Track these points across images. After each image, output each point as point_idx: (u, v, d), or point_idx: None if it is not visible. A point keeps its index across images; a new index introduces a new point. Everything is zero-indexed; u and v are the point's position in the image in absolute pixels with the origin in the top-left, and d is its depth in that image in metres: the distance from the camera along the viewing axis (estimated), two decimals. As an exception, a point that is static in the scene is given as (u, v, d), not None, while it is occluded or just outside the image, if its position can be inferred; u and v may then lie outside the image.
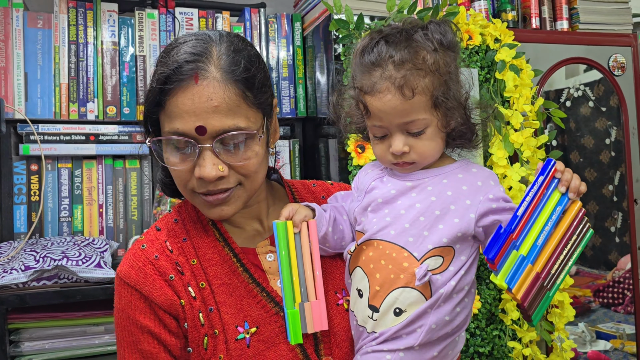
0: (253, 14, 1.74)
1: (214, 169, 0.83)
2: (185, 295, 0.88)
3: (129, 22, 1.64)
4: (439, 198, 0.82)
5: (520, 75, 1.58)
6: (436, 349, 0.82)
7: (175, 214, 0.96)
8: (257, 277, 0.90)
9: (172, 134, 0.83)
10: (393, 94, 0.80)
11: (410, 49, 0.81)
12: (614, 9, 1.91)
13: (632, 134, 1.86)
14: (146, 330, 0.86)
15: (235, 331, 0.86)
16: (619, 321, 2.00)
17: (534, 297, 0.73)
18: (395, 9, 1.52)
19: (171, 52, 0.84)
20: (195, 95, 0.81)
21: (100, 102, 1.60)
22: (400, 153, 0.83)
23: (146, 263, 0.89)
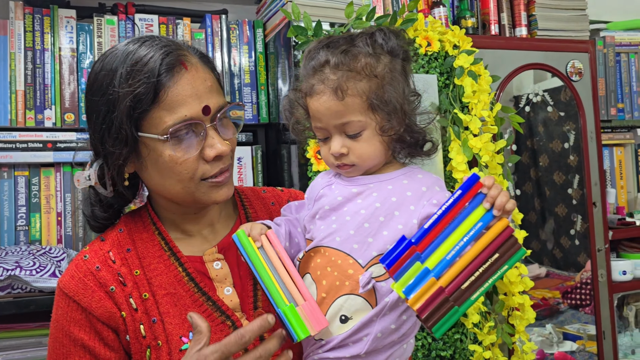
0: (214, 21, 1.74)
1: (224, 144, 0.86)
2: (126, 307, 0.86)
3: (87, 28, 1.63)
4: (383, 204, 0.83)
5: (478, 81, 1.60)
6: (383, 356, 0.82)
7: (120, 225, 0.94)
8: (203, 286, 0.90)
9: (180, 122, 0.83)
10: (328, 96, 0.83)
11: (349, 53, 0.83)
12: (572, 15, 1.96)
13: (590, 139, 1.89)
14: (79, 343, 0.85)
15: (180, 342, 0.85)
16: (586, 322, 2.03)
17: (435, 310, 0.73)
18: (353, 16, 1.53)
19: (141, 57, 0.83)
20: (192, 80, 0.84)
21: (57, 109, 1.58)
22: (338, 154, 0.85)
23: (87, 274, 0.87)
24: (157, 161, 0.85)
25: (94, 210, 0.93)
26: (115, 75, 0.84)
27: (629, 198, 2.27)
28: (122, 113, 0.82)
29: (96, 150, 0.90)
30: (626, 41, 2.28)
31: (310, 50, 0.88)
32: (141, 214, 0.96)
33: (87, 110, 0.89)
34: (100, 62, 0.88)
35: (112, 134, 0.84)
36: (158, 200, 0.95)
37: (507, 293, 1.59)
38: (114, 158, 0.86)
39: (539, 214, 1.99)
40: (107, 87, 0.84)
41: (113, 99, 0.83)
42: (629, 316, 2.13)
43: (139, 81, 0.82)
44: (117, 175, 0.88)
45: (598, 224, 1.88)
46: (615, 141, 2.25)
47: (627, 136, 2.26)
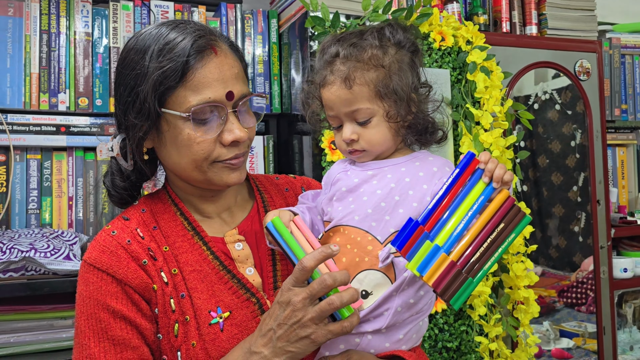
0: (229, 10, 1.74)
1: (243, 131, 0.90)
2: (158, 280, 0.88)
3: (102, 13, 1.62)
4: (397, 184, 0.88)
5: (490, 77, 1.62)
6: (402, 331, 0.86)
7: (142, 205, 0.96)
8: (227, 265, 0.92)
9: (204, 103, 0.86)
10: (338, 85, 0.89)
11: (357, 46, 0.90)
12: (581, 15, 1.98)
13: (595, 138, 1.92)
14: (119, 315, 0.85)
15: (209, 316, 0.87)
16: (582, 320, 2.06)
17: (449, 284, 0.77)
18: (370, 8, 1.54)
19: (173, 38, 0.87)
20: (220, 65, 0.88)
21: (72, 93, 1.58)
22: (349, 140, 0.91)
23: (118, 247, 0.89)
24: (176, 138, 0.88)
25: (114, 180, 0.96)
26: (146, 52, 0.87)
27: (630, 198, 2.30)
28: (149, 87, 0.85)
29: (119, 122, 0.93)
30: (631, 43, 2.31)
31: (323, 46, 0.95)
32: (160, 196, 0.98)
33: (115, 83, 0.92)
34: (134, 39, 0.91)
35: (136, 107, 0.87)
36: (176, 182, 0.97)
37: (513, 287, 1.62)
38: (135, 131, 0.89)
39: (535, 214, 2.02)
40: (137, 63, 0.87)
41: (141, 73, 0.86)
42: (627, 313, 2.16)
43: (168, 59, 0.85)
44: (137, 148, 0.91)
45: (601, 222, 1.91)
46: (618, 141, 2.29)
47: (630, 137, 2.30)
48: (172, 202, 0.96)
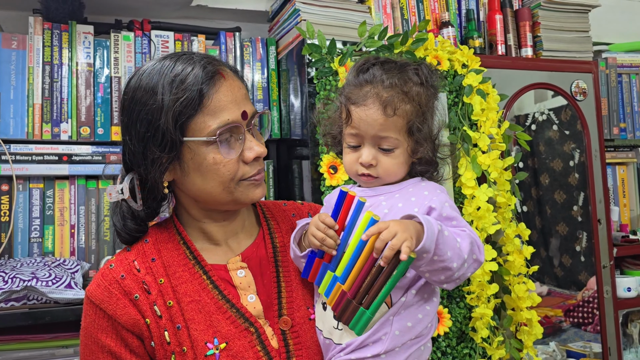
0: (228, 38, 1.77)
1: (262, 146, 0.94)
2: (150, 314, 0.89)
3: (104, 44, 1.66)
4: (391, 210, 0.90)
5: (486, 99, 1.64)
6: (402, 356, 0.86)
7: (146, 236, 0.98)
8: (227, 294, 0.92)
9: (224, 125, 0.89)
10: (377, 108, 0.90)
11: (401, 77, 0.92)
12: (575, 37, 2.00)
13: (594, 157, 1.93)
14: (106, 349, 0.89)
15: (205, 347, 0.87)
16: (589, 340, 2.04)
17: (343, 310, 0.85)
18: (366, 35, 1.57)
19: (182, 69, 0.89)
20: (231, 87, 0.91)
21: (74, 123, 1.61)
22: (367, 165, 0.92)
23: (112, 282, 0.91)
24: (200, 165, 0.90)
25: (127, 223, 0.96)
26: (156, 87, 0.89)
27: (631, 216, 2.30)
28: (169, 119, 0.87)
29: (131, 163, 0.94)
30: (627, 62, 2.33)
31: (361, 65, 0.96)
32: (167, 225, 0.99)
33: (126, 125, 0.93)
34: (136, 78, 0.93)
35: (157, 141, 0.88)
36: (189, 209, 0.98)
37: (515, 308, 1.61)
38: (156, 165, 0.90)
39: (539, 232, 2.02)
40: (149, 98, 0.89)
41: (156, 107, 0.88)
42: (633, 333, 2.14)
43: (184, 90, 0.88)
44: (157, 184, 0.92)
45: (603, 241, 1.91)
46: (618, 160, 2.29)
47: (630, 155, 2.30)
48: (176, 231, 0.97)
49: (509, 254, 1.60)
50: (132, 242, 0.97)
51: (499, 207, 1.62)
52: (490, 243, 1.62)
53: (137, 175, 0.95)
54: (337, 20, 1.65)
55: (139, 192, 0.95)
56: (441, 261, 0.82)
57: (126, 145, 0.94)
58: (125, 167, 0.97)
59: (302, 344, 0.91)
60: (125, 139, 0.93)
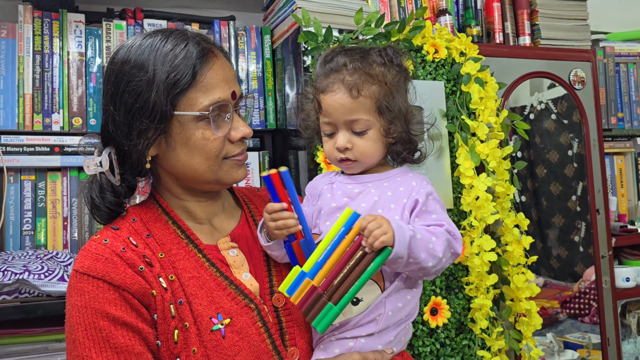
0: (222, 27, 1.74)
1: (248, 127, 0.96)
2: (156, 285, 0.87)
3: (96, 32, 1.63)
4: (380, 198, 0.94)
5: (485, 87, 1.62)
6: (393, 333, 0.92)
7: (131, 215, 0.96)
8: (224, 271, 0.92)
9: (215, 103, 0.90)
10: (342, 93, 0.93)
11: (365, 60, 0.95)
12: (574, 25, 1.99)
13: (593, 146, 1.91)
14: (119, 321, 0.84)
15: (210, 322, 0.86)
16: (586, 331, 2.04)
17: (310, 306, 0.85)
18: (363, 22, 1.54)
19: (176, 44, 0.89)
20: (222, 66, 0.93)
21: (65, 113, 1.58)
22: (343, 148, 0.94)
23: (113, 255, 0.87)
24: (188, 139, 0.90)
25: (106, 196, 0.94)
26: (147, 61, 0.89)
27: (629, 206, 2.29)
28: (160, 92, 0.87)
29: (114, 134, 0.92)
30: (625, 52, 2.31)
31: (327, 55, 0.99)
32: (148, 206, 0.98)
33: (112, 95, 0.91)
34: (125, 51, 0.92)
35: (146, 112, 0.88)
36: (170, 188, 0.97)
37: (514, 299, 1.59)
38: (142, 138, 0.89)
39: (535, 224, 2.00)
40: (139, 71, 0.89)
41: (148, 80, 0.88)
42: (631, 324, 2.13)
43: (178, 64, 0.88)
44: (143, 155, 0.91)
45: (601, 231, 1.89)
46: (615, 149, 2.28)
47: (628, 145, 2.29)
48: (163, 212, 0.97)
49: (508, 244, 1.58)
50: (109, 219, 0.96)
51: (497, 197, 1.60)
52: (489, 233, 1.60)
53: (116, 150, 0.93)
54: (333, 7, 1.62)
55: (117, 167, 0.93)
56: (416, 263, 0.86)
57: (109, 116, 0.92)
58: (103, 141, 0.96)
59: (294, 321, 0.93)
60: (109, 109, 0.92)
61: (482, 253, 1.50)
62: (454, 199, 1.62)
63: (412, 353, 1.49)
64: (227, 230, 1.00)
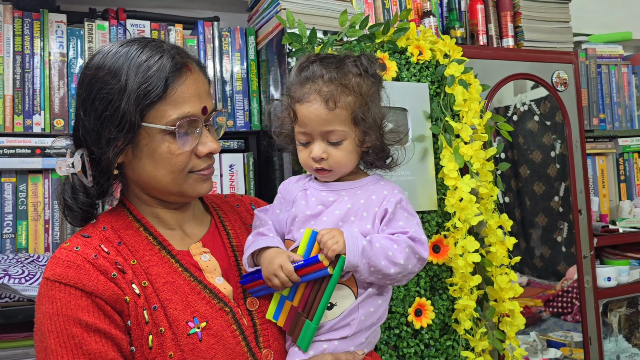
0: (206, 28, 1.73)
1: (217, 143, 0.96)
2: (129, 292, 0.87)
3: (77, 33, 1.61)
4: (353, 206, 0.97)
5: (468, 89, 1.63)
6: (364, 336, 0.96)
7: (101, 223, 0.96)
8: (197, 276, 0.93)
9: (183, 117, 0.90)
10: (319, 104, 0.94)
11: (340, 70, 0.96)
12: (556, 27, 2.00)
13: (575, 147, 1.93)
14: (92, 328, 0.83)
15: (186, 326, 0.87)
16: (569, 329, 2.06)
17: (294, 325, 0.91)
18: (347, 24, 1.55)
19: (150, 55, 0.90)
20: (195, 81, 0.93)
21: (47, 115, 1.56)
22: (318, 158, 0.96)
23: (84, 262, 0.87)
24: (154, 151, 0.91)
25: (78, 197, 0.94)
26: (121, 70, 0.89)
27: (611, 206, 2.32)
28: (130, 102, 0.87)
29: (84, 139, 0.93)
30: (607, 54, 2.34)
31: (302, 63, 0.99)
32: (118, 213, 0.98)
33: (84, 100, 0.92)
34: (100, 57, 0.92)
35: (115, 121, 0.88)
36: (139, 195, 0.98)
37: (498, 299, 1.61)
38: (111, 145, 0.89)
39: (519, 224, 2.02)
40: (112, 79, 0.89)
41: (119, 88, 0.88)
42: (612, 322, 2.16)
43: (149, 76, 0.88)
44: (109, 163, 0.91)
45: (583, 231, 1.92)
46: (597, 150, 2.31)
47: (609, 145, 2.32)
48: (134, 219, 0.97)
49: (492, 245, 1.60)
50: (82, 221, 0.96)
51: (481, 198, 1.61)
52: (473, 234, 1.61)
53: (88, 152, 0.94)
54: (317, 9, 1.62)
55: (89, 169, 0.93)
56: (377, 270, 0.91)
57: (80, 120, 0.93)
58: (75, 143, 0.96)
59: (267, 324, 0.95)
60: (80, 114, 0.93)
61: (466, 254, 1.51)
62: (438, 200, 1.63)
63: (397, 354, 1.50)
64: (198, 236, 1.01)
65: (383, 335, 1.49)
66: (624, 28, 2.43)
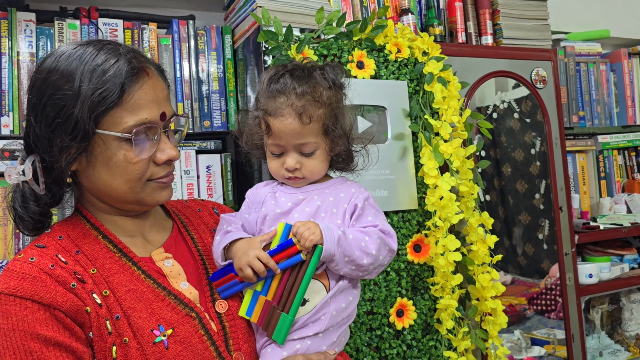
0: (182, 26, 1.70)
1: (175, 150, 0.93)
2: (90, 302, 0.83)
3: (47, 32, 1.56)
4: (323, 203, 1.00)
5: (447, 87, 1.61)
6: (335, 334, 0.96)
7: (57, 232, 0.91)
8: (161, 282, 0.90)
9: (140, 124, 0.87)
10: (293, 118, 0.96)
11: (310, 84, 0.98)
12: (535, 25, 2.00)
13: (555, 144, 1.93)
14: (52, 342, 0.79)
15: (152, 335, 0.84)
16: (552, 327, 2.06)
17: (269, 320, 0.91)
18: (324, 22, 1.52)
19: (106, 59, 0.86)
20: (153, 86, 0.90)
21: (16, 116, 1.51)
22: (292, 169, 1.00)
23: (41, 273, 0.82)
24: (109, 159, 0.87)
25: (28, 205, 0.90)
26: (74, 74, 0.85)
27: (592, 203, 2.33)
28: (84, 109, 0.83)
29: (35, 146, 0.89)
30: (585, 51, 2.35)
31: (271, 76, 1.00)
32: (74, 221, 0.94)
33: (34, 106, 0.88)
34: (53, 59, 0.88)
35: (67, 129, 0.84)
36: (95, 203, 0.95)
37: (480, 298, 1.59)
38: (64, 153, 0.85)
39: (502, 222, 2.02)
40: (65, 83, 0.85)
41: (72, 94, 0.84)
42: (595, 319, 2.17)
43: (104, 81, 0.84)
44: (62, 171, 0.87)
45: (565, 228, 1.92)
46: (577, 147, 2.31)
47: (589, 143, 2.33)
48: (91, 226, 0.93)
49: (473, 244, 1.58)
50: (35, 229, 0.92)
51: (462, 197, 1.60)
52: (453, 233, 1.60)
53: (39, 158, 0.89)
54: (294, 7, 1.60)
55: (42, 176, 0.89)
56: (352, 260, 0.93)
57: (30, 127, 0.89)
58: (26, 149, 0.92)
59: (237, 326, 0.93)
60: (30, 120, 0.88)
61: (447, 253, 1.49)
62: (419, 199, 1.61)
63: (379, 356, 1.48)
64: (159, 242, 0.99)
65: (365, 336, 1.47)
66: (601, 26, 2.45)
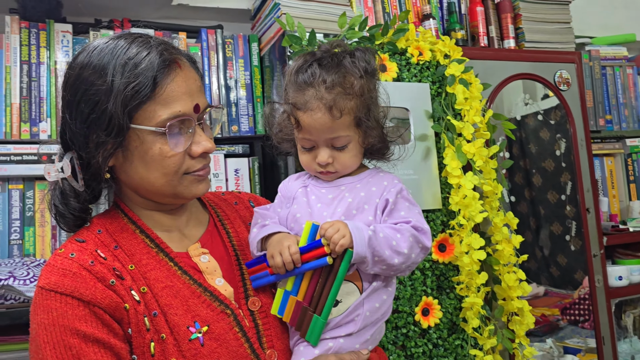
0: (210, 35, 1.76)
1: (210, 142, 0.91)
2: (129, 299, 0.84)
3: (83, 42, 1.64)
4: (354, 199, 0.95)
5: (469, 88, 1.63)
6: (369, 332, 0.93)
7: (96, 227, 0.92)
8: (197, 279, 0.90)
9: (174, 117, 0.86)
10: (323, 113, 0.92)
11: (340, 74, 0.93)
12: (557, 28, 2.01)
13: (580, 146, 1.92)
14: (90, 338, 0.80)
15: (187, 332, 0.84)
16: (586, 336, 2.03)
17: (300, 320, 0.89)
18: (347, 26, 1.56)
19: (137, 52, 0.85)
20: (186, 78, 0.88)
21: (53, 122, 1.58)
22: (325, 164, 0.96)
23: (81, 269, 0.83)
24: (145, 153, 0.87)
25: (69, 202, 0.91)
26: (107, 68, 0.84)
27: (621, 207, 2.29)
28: (117, 104, 0.83)
29: (71, 143, 0.89)
30: (611, 55, 2.34)
31: (299, 66, 0.95)
32: (113, 215, 0.94)
33: (69, 102, 0.88)
34: (86, 55, 0.88)
35: (103, 124, 0.84)
36: (133, 198, 0.95)
37: (506, 298, 1.59)
38: (100, 149, 0.85)
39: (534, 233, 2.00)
40: (98, 78, 0.85)
41: (105, 89, 0.84)
42: (627, 323, 2.12)
43: (137, 75, 0.84)
44: (99, 167, 0.87)
45: (592, 230, 1.89)
46: (605, 151, 2.29)
47: (617, 146, 2.30)
48: (129, 221, 0.93)
49: (498, 243, 1.58)
50: (76, 226, 0.92)
51: (486, 197, 1.60)
52: (478, 232, 1.60)
53: (77, 155, 0.89)
54: (317, 13, 1.65)
55: (80, 172, 0.89)
56: (382, 260, 0.89)
57: (66, 124, 0.89)
58: (63, 147, 0.92)
59: (270, 324, 0.92)
60: (66, 117, 0.88)
61: (472, 252, 1.50)
62: (443, 198, 1.62)
63: (405, 354, 1.48)
64: (196, 237, 0.98)
65: (390, 334, 1.47)
66: (625, 30, 2.43)
